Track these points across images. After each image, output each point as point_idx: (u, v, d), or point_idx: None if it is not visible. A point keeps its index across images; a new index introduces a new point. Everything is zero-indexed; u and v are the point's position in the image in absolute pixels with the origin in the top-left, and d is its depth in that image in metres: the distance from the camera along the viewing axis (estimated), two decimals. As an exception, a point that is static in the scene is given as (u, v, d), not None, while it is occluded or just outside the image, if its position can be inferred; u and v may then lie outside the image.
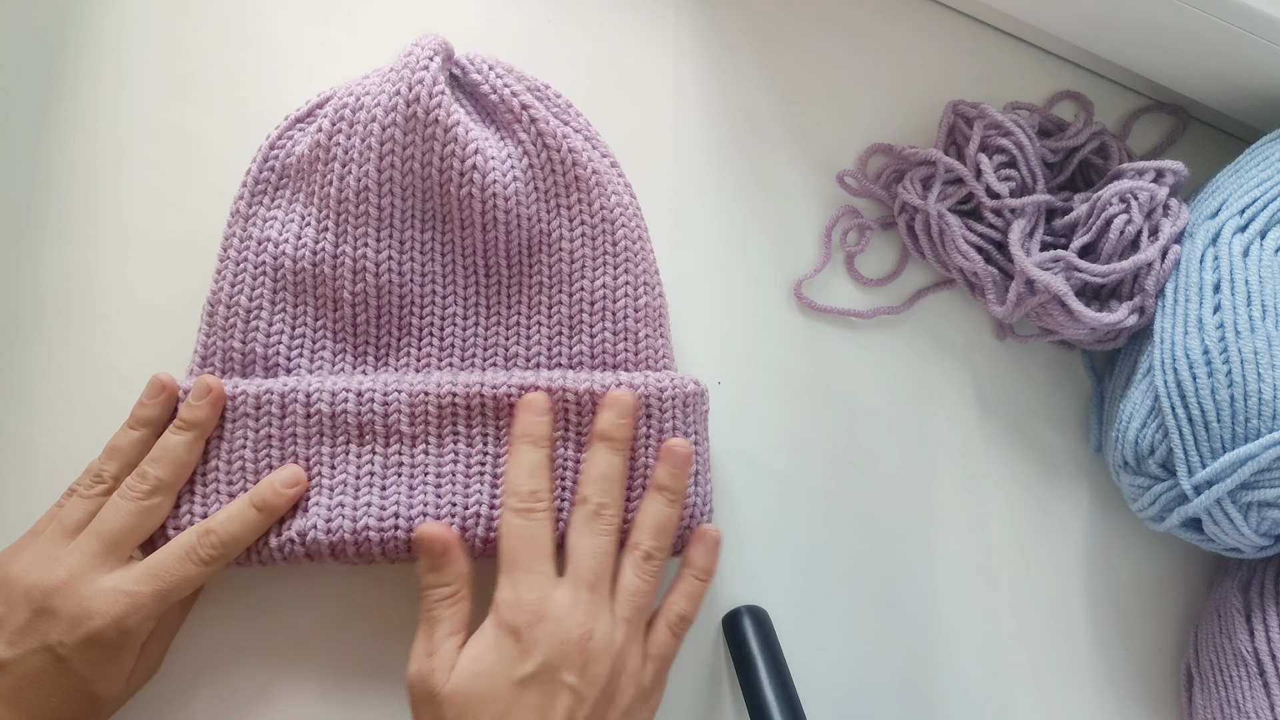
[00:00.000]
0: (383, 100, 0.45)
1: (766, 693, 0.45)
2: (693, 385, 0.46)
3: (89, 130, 0.52)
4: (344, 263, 0.46)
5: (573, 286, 0.47)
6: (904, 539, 0.51)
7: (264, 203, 0.47)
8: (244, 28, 0.54)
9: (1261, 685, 0.45)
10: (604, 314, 0.47)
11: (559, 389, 0.45)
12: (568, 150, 0.47)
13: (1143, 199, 0.49)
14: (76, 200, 0.52)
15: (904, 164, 0.54)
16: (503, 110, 0.47)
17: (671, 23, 0.56)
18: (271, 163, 0.47)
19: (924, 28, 0.57)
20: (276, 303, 0.46)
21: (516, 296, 0.48)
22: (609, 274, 0.47)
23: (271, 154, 0.47)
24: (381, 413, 0.44)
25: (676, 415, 0.46)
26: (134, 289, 0.51)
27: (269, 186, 0.47)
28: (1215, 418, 0.44)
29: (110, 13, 0.54)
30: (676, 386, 0.46)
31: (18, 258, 0.51)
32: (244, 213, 0.47)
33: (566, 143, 0.47)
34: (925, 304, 0.55)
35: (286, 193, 0.47)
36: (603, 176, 0.48)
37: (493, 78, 0.47)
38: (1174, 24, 0.49)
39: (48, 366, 0.50)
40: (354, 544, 0.43)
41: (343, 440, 0.44)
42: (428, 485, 0.44)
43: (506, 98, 0.47)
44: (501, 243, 0.47)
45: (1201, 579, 0.53)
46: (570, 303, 0.47)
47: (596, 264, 0.47)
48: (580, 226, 0.48)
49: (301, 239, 0.46)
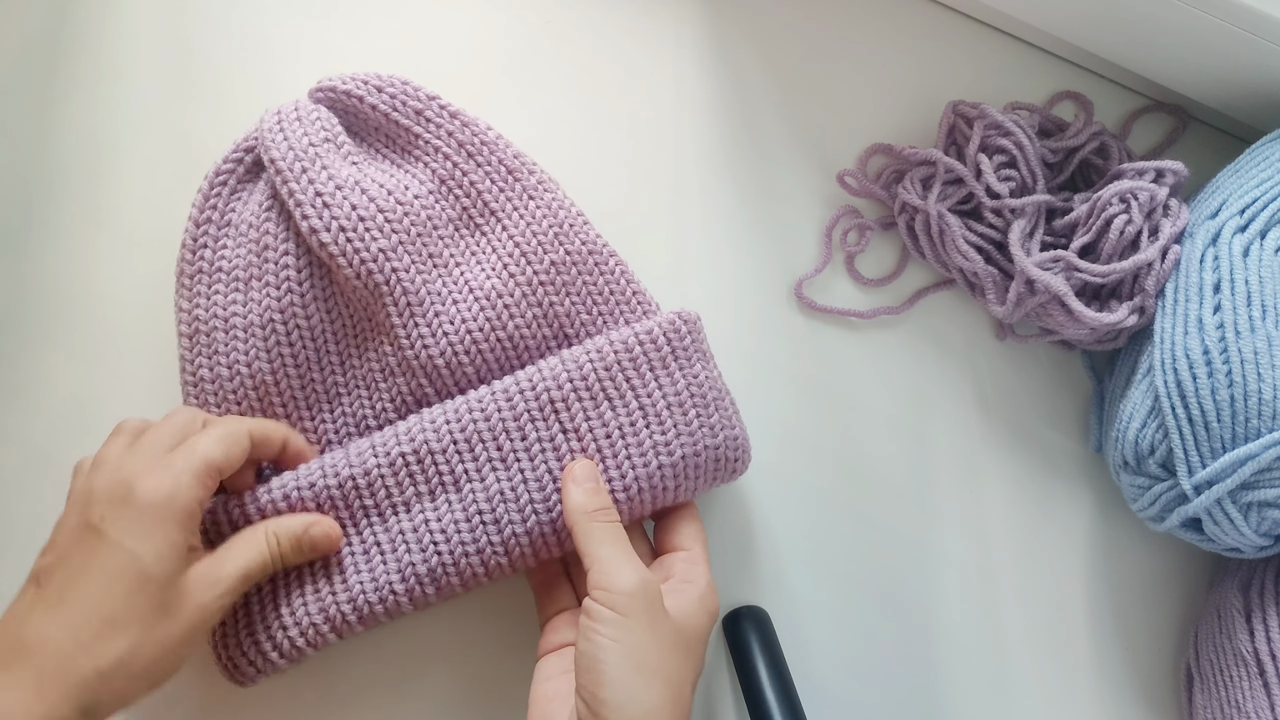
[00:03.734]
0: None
1: (766, 693, 0.45)
2: (658, 332, 0.46)
3: (88, 130, 0.52)
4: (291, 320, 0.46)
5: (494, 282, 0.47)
6: (904, 539, 0.51)
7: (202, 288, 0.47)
8: (243, 28, 0.54)
9: (1261, 685, 0.45)
10: (530, 286, 0.47)
11: (535, 385, 0.45)
12: (463, 178, 0.48)
13: (1143, 199, 0.49)
14: (75, 199, 0.52)
15: (904, 164, 0.54)
16: (400, 136, 0.48)
17: (672, 23, 0.56)
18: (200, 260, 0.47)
19: (924, 28, 0.57)
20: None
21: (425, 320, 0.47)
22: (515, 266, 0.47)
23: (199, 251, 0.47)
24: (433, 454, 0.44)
25: (655, 365, 0.45)
26: (133, 288, 0.51)
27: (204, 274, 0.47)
28: (1215, 418, 0.44)
29: (109, 12, 0.54)
30: (641, 339, 0.45)
31: (16, 257, 0.51)
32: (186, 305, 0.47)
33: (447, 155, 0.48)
34: (925, 304, 0.55)
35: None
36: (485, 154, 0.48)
37: (378, 105, 0.48)
38: (1174, 24, 0.49)
39: (46, 365, 0.50)
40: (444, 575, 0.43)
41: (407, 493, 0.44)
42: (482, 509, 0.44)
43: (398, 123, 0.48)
44: (376, 284, 0.46)
45: (1201, 579, 0.53)
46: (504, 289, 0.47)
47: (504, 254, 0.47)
48: (493, 228, 0.48)
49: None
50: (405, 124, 0.48)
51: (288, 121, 0.46)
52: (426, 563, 0.43)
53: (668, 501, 0.46)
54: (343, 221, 0.45)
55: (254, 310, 0.46)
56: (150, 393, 0.49)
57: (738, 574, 0.50)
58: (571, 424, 0.44)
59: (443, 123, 0.48)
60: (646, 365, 0.45)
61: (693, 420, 0.45)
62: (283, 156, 0.45)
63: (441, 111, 0.48)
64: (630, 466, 0.44)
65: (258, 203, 0.46)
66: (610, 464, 0.44)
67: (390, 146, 0.49)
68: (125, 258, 0.51)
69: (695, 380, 0.46)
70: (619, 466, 0.44)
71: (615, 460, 0.44)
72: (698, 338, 0.47)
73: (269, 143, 0.46)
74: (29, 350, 0.50)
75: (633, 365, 0.45)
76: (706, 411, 0.46)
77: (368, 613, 0.43)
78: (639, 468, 0.44)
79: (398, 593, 0.43)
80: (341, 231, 0.45)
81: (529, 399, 0.44)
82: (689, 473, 0.45)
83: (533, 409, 0.44)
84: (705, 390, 0.46)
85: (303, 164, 0.45)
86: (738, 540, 0.50)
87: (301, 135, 0.46)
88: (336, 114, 0.48)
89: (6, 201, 0.51)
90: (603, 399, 0.45)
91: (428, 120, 0.48)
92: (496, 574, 0.44)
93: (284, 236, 0.46)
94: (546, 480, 0.44)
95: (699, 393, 0.46)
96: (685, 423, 0.45)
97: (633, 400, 0.45)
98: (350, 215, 0.45)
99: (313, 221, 0.45)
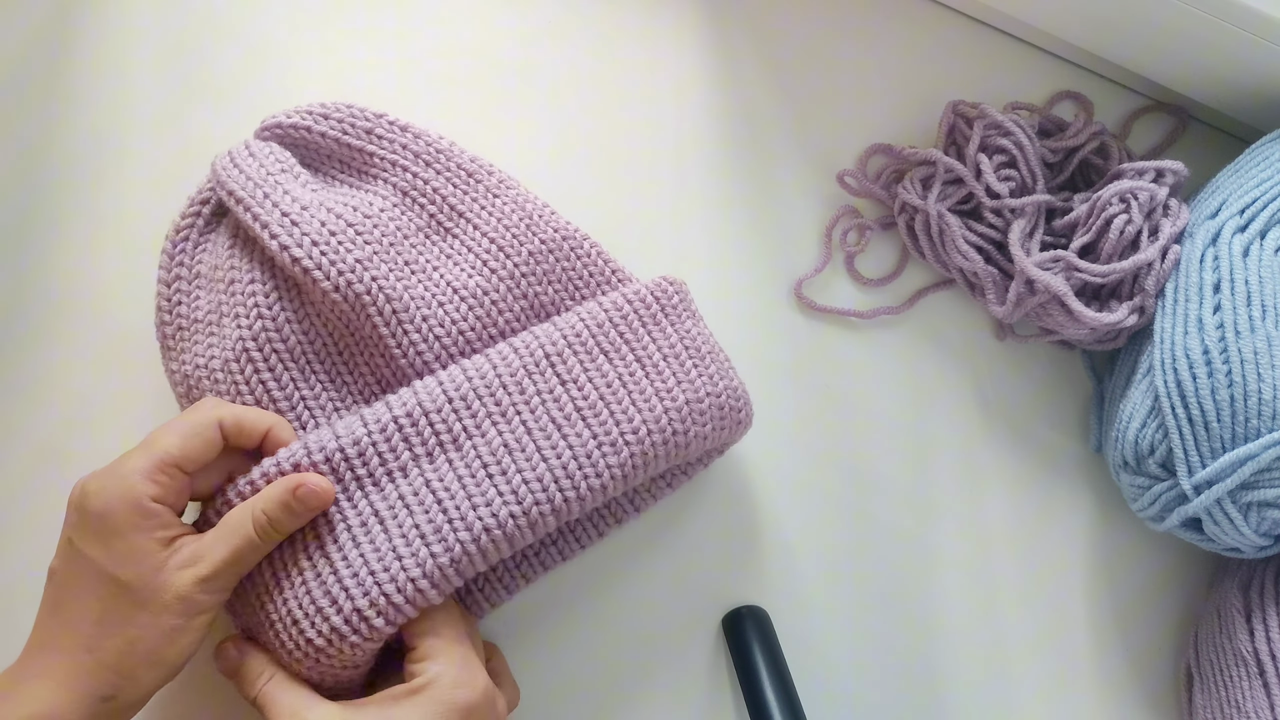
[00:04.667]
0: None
1: (767, 693, 0.45)
2: (646, 293, 0.46)
3: (90, 130, 0.52)
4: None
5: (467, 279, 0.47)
6: (904, 538, 0.51)
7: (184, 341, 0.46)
8: (244, 29, 0.54)
9: (1261, 685, 0.45)
10: (504, 280, 0.47)
11: (538, 351, 0.44)
12: (425, 185, 0.48)
13: (1143, 199, 0.49)
14: (78, 199, 0.52)
15: (904, 164, 0.54)
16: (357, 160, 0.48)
17: (672, 24, 0.56)
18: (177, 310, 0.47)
19: (924, 28, 0.57)
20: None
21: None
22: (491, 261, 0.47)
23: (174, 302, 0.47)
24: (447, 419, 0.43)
25: (646, 321, 0.46)
26: (135, 288, 0.51)
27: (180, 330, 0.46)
28: (1215, 418, 0.44)
29: (111, 13, 0.54)
30: (630, 299, 0.46)
31: (18, 256, 0.51)
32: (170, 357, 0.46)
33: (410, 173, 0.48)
34: (925, 304, 0.54)
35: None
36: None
37: (331, 134, 0.48)
38: (1174, 24, 0.49)
39: (48, 365, 0.50)
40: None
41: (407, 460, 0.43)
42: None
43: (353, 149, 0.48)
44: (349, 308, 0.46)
45: (1201, 579, 0.53)
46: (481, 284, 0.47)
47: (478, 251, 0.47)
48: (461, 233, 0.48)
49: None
50: (358, 144, 0.48)
51: (240, 158, 0.46)
52: (432, 522, 0.41)
53: (680, 453, 0.45)
54: (314, 236, 0.44)
55: (227, 346, 0.45)
56: (152, 392, 0.49)
57: (738, 574, 0.50)
58: (569, 375, 0.44)
59: (395, 137, 0.48)
60: (639, 321, 0.46)
61: (690, 370, 0.45)
62: (242, 187, 0.45)
63: (392, 127, 0.48)
64: (636, 411, 0.44)
65: (223, 245, 0.46)
66: (616, 411, 0.44)
67: (346, 171, 0.49)
68: (128, 258, 0.51)
69: (688, 334, 0.46)
70: (624, 411, 0.44)
71: (621, 407, 0.44)
72: (685, 299, 0.48)
73: (226, 179, 0.45)
74: (31, 349, 0.50)
75: (624, 322, 0.45)
76: (703, 363, 0.46)
77: (376, 594, 0.40)
78: (644, 412, 0.44)
79: (403, 558, 0.40)
80: (314, 245, 0.44)
81: (523, 355, 0.44)
82: (695, 418, 0.45)
83: (528, 364, 0.44)
84: (699, 344, 0.46)
85: (264, 190, 0.45)
86: (738, 539, 0.50)
87: (258, 167, 0.45)
88: (287, 148, 0.48)
89: (9, 201, 0.51)
90: (598, 353, 0.45)
91: (379, 137, 0.48)
92: (513, 534, 0.41)
93: (248, 267, 0.45)
94: (551, 430, 0.43)
95: (693, 345, 0.46)
96: (684, 372, 0.45)
97: (629, 353, 0.45)
98: (320, 230, 0.44)
99: (282, 239, 0.44)
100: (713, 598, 0.49)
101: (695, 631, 0.49)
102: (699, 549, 0.50)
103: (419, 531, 0.41)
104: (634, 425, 0.43)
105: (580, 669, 0.48)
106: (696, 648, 0.49)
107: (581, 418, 0.43)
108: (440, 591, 0.41)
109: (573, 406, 0.43)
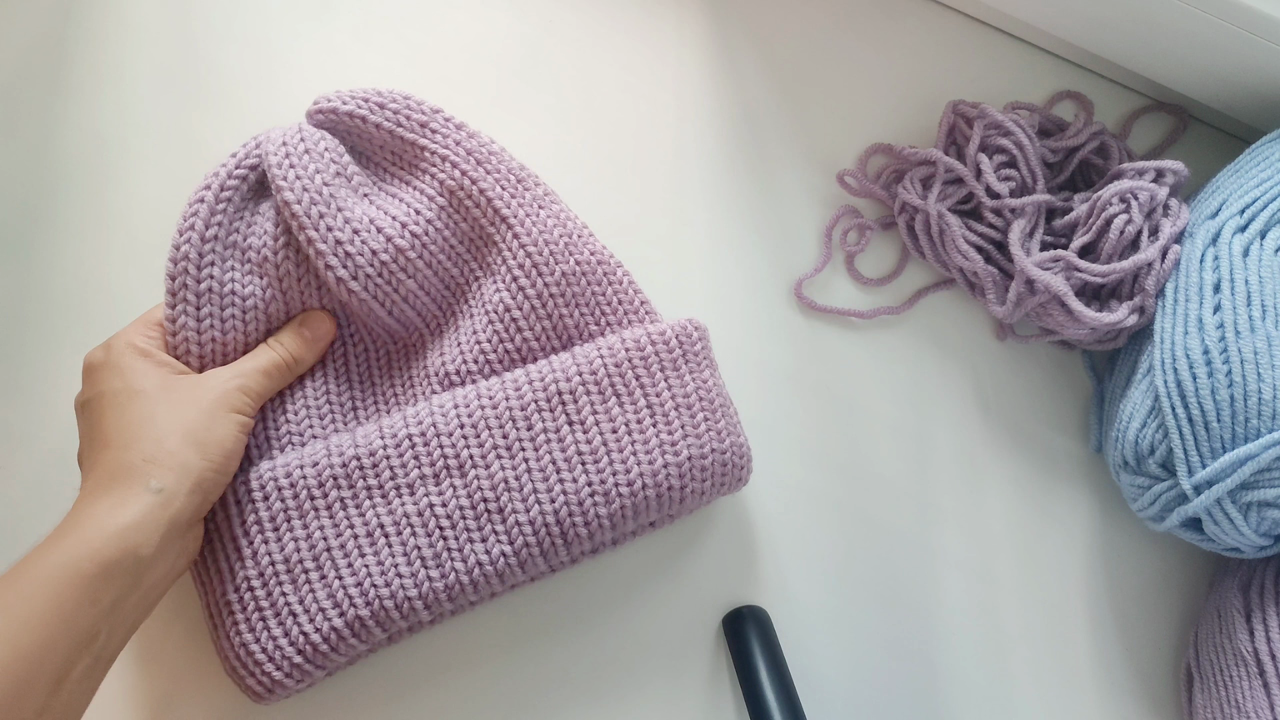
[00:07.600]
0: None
1: (767, 693, 0.45)
2: (670, 335, 0.46)
3: (92, 131, 0.53)
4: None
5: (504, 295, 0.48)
6: (904, 538, 0.51)
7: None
8: (247, 31, 0.54)
9: (1261, 685, 0.45)
10: (537, 299, 0.47)
11: (548, 379, 0.45)
12: (472, 185, 0.48)
13: (1143, 199, 0.49)
14: (82, 200, 0.52)
15: (904, 164, 0.54)
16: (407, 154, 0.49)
17: (673, 24, 0.56)
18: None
19: (924, 28, 0.57)
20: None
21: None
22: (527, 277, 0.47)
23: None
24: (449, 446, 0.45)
25: (665, 366, 0.46)
26: (136, 288, 0.51)
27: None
28: (1215, 418, 0.44)
29: (112, 14, 0.54)
30: (654, 339, 0.46)
31: (21, 257, 0.51)
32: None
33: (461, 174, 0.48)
34: (925, 304, 0.55)
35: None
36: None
37: (383, 124, 0.48)
38: (1174, 24, 0.49)
39: (51, 365, 0.50)
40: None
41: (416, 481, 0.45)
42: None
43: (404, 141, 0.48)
44: (385, 316, 0.47)
45: (1201, 579, 0.53)
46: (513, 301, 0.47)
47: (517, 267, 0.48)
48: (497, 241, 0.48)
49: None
50: (411, 138, 0.48)
51: (295, 155, 0.45)
52: (433, 547, 0.43)
53: (673, 508, 0.46)
54: (367, 269, 0.46)
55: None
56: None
57: (738, 574, 0.50)
58: (578, 416, 0.45)
59: (449, 133, 0.48)
60: (657, 365, 0.46)
61: (700, 423, 0.45)
62: (297, 199, 0.45)
63: (447, 123, 0.48)
64: (635, 462, 0.44)
65: (269, 233, 0.46)
66: (615, 458, 0.44)
67: (396, 163, 0.49)
68: (131, 257, 0.51)
69: (704, 385, 0.46)
70: (624, 461, 0.44)
71: (620, 455, 0.44)
72: (706, 346, 0.48)
73: (280, 182, 0.45)
74: (36, 349, 0.50)
75: (643, 364, 0.46)
76: (714, 416, 0.46)
77: (378, 606, 0.42)
78: (644, 464, 0.44)
79: (404, 576, 0.43)
80: (369, 279, 0.46)
81: (537, 389, 0.45)
82: (694, 475, 0.45)
83: (540, 399, 0.45)
84: (713, 396, 0.46)
85: (319, 209, 0.45)
86: (738, 540, 0.50)
87: (314, 173, 0.45)
88: (339, 136, 0.48)
89: (14, 202, 0.51)
90: (610, 394, 0.45)
91: (433, 131, 0.48)
92: (504, 571, 0.44)
93: (299, 274, 0.47)
94: (550, 472, 0.44)
95: (707, 397, 0.46)
96: (693, 425, 0.45)
97: (641, 398, 0.45)
98: (373, 261, 0.46)
99: (338, 272, 0.45)
100: (713, 598, 0.49)
101: (695, 631, 0.49)
102: (699, 549, 0.50)
103: (420, 554, 0.43)
104: (630, 477, 0.44)
105: (580, 669, 0.48)
106: (696, 648, 0.49)
107: (581, 462, 0.44)
108: (432, 614, 0.44)
109: (575, 450, 0.44)
